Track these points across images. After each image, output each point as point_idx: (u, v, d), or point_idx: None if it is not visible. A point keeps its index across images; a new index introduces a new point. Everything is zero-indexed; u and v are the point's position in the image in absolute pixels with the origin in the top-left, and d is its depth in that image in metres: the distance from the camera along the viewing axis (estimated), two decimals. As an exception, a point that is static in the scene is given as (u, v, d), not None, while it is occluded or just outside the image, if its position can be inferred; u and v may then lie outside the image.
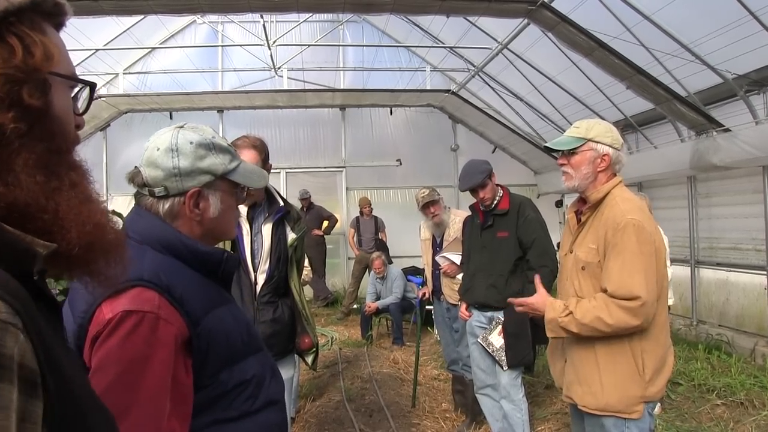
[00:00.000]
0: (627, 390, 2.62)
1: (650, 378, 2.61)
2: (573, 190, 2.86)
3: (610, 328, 2.55)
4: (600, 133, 2.78)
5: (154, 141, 1.67)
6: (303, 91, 12.10)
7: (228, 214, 1.73)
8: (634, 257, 2.53)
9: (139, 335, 1.39)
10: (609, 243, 2.61)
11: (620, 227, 2.58)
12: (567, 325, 2.67)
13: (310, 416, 5.83)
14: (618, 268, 2.56)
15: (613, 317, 2.53)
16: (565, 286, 2.93)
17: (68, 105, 0.93)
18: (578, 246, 2.81)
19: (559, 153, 2.87)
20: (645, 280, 2.51)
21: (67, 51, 0.94)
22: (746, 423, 5.25)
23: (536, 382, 6.39)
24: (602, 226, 2.67)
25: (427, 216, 5.61)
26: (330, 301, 11.81)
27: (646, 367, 2.60)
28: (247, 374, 1.61)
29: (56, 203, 0.84)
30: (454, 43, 10.63)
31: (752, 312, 7.51)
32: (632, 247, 2.54)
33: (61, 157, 0.88)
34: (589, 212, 2.79)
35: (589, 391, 2.71)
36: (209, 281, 1.65)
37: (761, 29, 5.93)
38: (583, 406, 2.76)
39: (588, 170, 2.76)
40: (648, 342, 2.62)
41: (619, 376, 2.63)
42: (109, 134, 12.37)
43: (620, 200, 2.69)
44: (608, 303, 2.55)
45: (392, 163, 12.89)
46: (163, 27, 11.84)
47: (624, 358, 2.62)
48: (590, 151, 2.76)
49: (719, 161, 7.03)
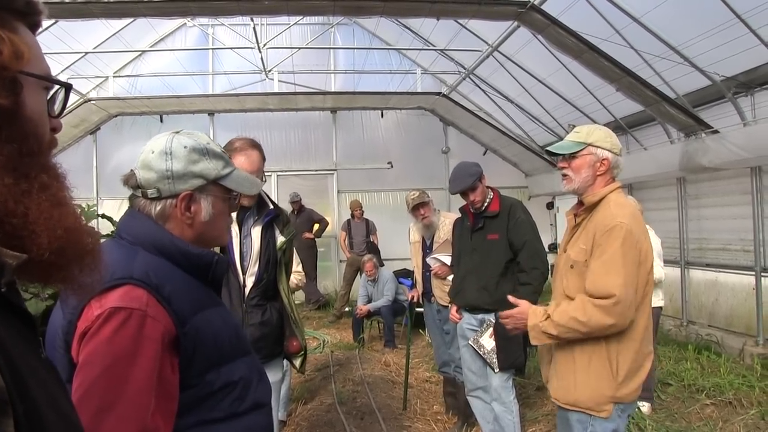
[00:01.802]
0: (598, 389, 2.70)
1: (623, 380, 2.68)
2: (573, 192, 2.93)
3: (586, 327, 2.62)
4: (600, 138, 2.85)
5: (150, 145, 1.69)
6: (294, 94, 12.09)
7: (220, 220, 1.75)
8: (615, 258, 2.60)
9: (127, 332, 1.41)
10: (596, 243, 2.69)
11: (608, 229, 2.65)
12: (547, 328, 2.76)
13: (301, 419, 5.82)
14: (598, 267, 2.64)
15: (587, 315, 2.61)
16: (556, 284, 3.01)
17: (42, 106, 0.91)
18: (571, 246, 2.89)
19: (560, 156, 2.93)
20: (623, 281, 2.57)
21: (41, 51, 0.92)
22: (734, 422, 5.29)
23: (527, 384, 6.40)
24: (593, 227, 2.74)
25: (417, 218, 5.61)
26: (321, 304, 11.79)
27: (620, 369, 2.68)
28: (234, 376, 1.62)
29: (25, 207, 0.82)
30: (444, 45, 10.65)
31: (741, 312, 7.55)
32: (615, 248, 2.61)
33: (32, 159, 0.85)
34: (584, 214, 2.87)
35: (563, 385, 2.83)
36: (199, 283, 1.67)
37: (748, 32, 5.98)
38: (555, 399, 2.91)
39: (588, 173, 2.84)
40: (624, 345, 2.69)
41: (592, 375, 2.71)
42: (99, 138, 12.32)
43: (614, 204, 2.76)
44: (585, 302, 2.64)
45: (383, 165, 12.90)
46: (153, 30, 11.82)
47: (599, 359, 2.71)
48: (590, 155, 2.84)
49: (708, 163, 7.07)
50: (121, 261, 1.53)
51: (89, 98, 11.05)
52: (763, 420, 5.33)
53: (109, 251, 1.59)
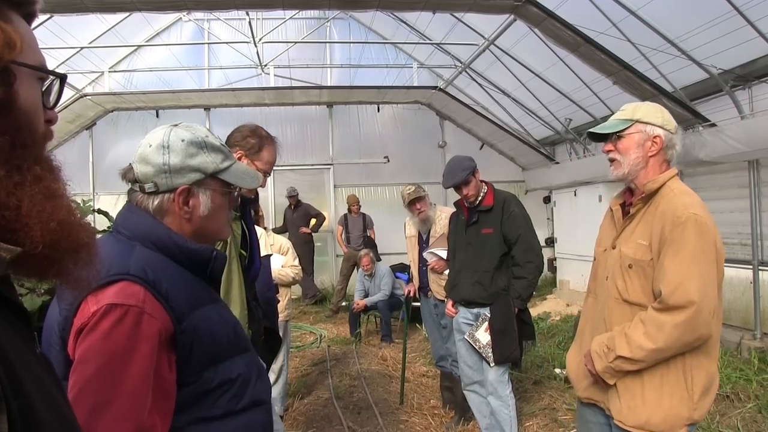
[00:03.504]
0: (672, 408, 2.35)
1: (699, 397, 2.35)
2: (622, 178, 2.56)
3: (670, 351, 2.31)
4: (648, 113, 2.53)
5: (148, 138, 1.67)
6: (290, 89, 12.08)
7: (219, 214, 1.73)
8: (694, 257, 2.26)
9: (123, 329, 1.40)
10: (666, 239, 2.33)
11: (681, 222, 2.30)
12: (621, 368, 2.39)
13: (298, 414, 5.82)
14: (675, 268, 2.27)
15: (666, 341, 2.27)
16: (605, 287, 2.60)
17: (36, 97, 0.89)
18: (624, 241, 2.52)
19: (605, 141, 2.61)
20: (703, 284, 2.24)
21: (35, 41, 0.90)
22: (732, 416, 5.28)
23: (524, 378, 6.40)
24: (658, 220, 2.39)
25: (413, 213, 5.60)
26: (318, 298, 11.80)
27: (695, 385, 2.34)
28: (232, 373, 1.60)
29: (18, 199, 0.80)
30: (440, 39, 10.62)
31: (738, 306, 7.55)
32: (693, 245, 2.27)
33: (25, 151, 0.83)
34: (641, 204, 2.50)
35: (628, 405, 2.42)
36: (198, 279, 1.65)
37: (746, 24, 5.95)
38: (619, 421, 2.45)
39: (638, 154, 2.49)
40: (699, 360, 2.36)
41: (665, 392, 2.36)
42: (95, 133, 12.31)
43: (679, 193, 2.42)
44: (659, 324, 2.28)
45: (380, 160, 12.89)
46: (148, 25, 11.78)
47: (673, 375, 2.36)
48: (638, 133, 2.50)
49: (705, 156, 7.05)
50: (118, 256, 1.52)
51: (85, 93, 11.04)
52: (760, 413, 5.33)
53: (106, 246, 1.56)
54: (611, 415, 2.50)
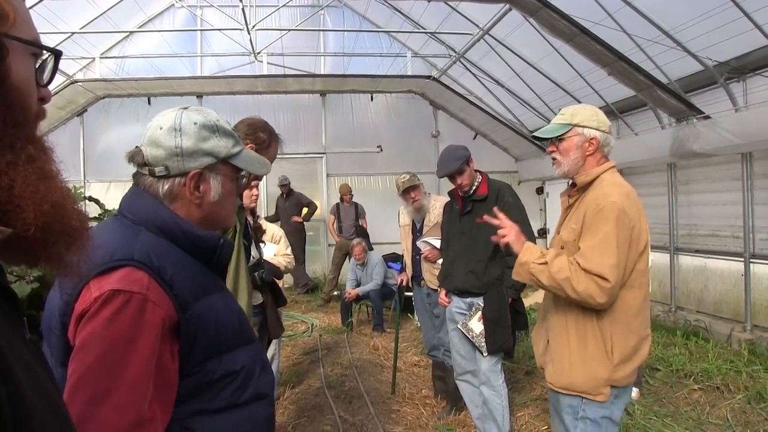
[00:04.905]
0: (593, 371, 2.65)
1: (618, 362, 2.62)
2: (564, 175, 2.88)
3: (576, 294, 2.56)
4: (585, 117, 2.81)
5: (158, 120, 1.63)
6: (283, 77, 12.01)
7: (228, 200, 1.70)
8: (608, 239, 2.53)
9: (126, 316, 1.36)
10: (586, 224, 2.63)
11: (599, 208, 2.59)
12: (538, 274, 2.69)
13: (289, 403, 5.81)
14: (590, 248, 2.57)
15: (581, 285, 2.54)
16: None
17: (29, 74, 0.85)
18: (564, 227, 2.85)
19: (548, 141, 2.90)
20: (615, 262, 2.51)
21: (29, 15, 0.86)
22: (721, 407, 5.33)
23: (516, 368, 6.41)
24: (583, 207, 2.70)
25: (408, 201, 5.58)
26: (310, 287, 11.80)
27: (615, 350, 2.62)
28: (236, 365, 1.57)
29: (11, 179, 0.77)
30: (435, 28, 10.58)
31: (729, 298, 7.59)
32: (608, 228, 2.54)
33: (18, 130, 0.80)
34: (577, 195, 2.82)
35: (558, 369, 2.77)
36: (203, 267, 1.62)
37: (742, 16, 5.95)
38: (549, 383, 2.84)
39: (577, 155, 2.79)
40: (618, 326, 2.63)
41: (587, 356, 2.66)
42: (87, 120, 12.19)
43: (607, 184, 2.71)
44: (581, 271, 2.56)
45: (373, 149, 12.85)
46: (140, 11, 11.66)
47: (594, 340, 2.65)
48: (577, 136, 2.79)
49: (699, 148, 7.06)
50: (122, 241, 1.48)
51: (76, 80, 10.92)
52: (749, 404, 5.38)
53: (110, 230, 1.54)
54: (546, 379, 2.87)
